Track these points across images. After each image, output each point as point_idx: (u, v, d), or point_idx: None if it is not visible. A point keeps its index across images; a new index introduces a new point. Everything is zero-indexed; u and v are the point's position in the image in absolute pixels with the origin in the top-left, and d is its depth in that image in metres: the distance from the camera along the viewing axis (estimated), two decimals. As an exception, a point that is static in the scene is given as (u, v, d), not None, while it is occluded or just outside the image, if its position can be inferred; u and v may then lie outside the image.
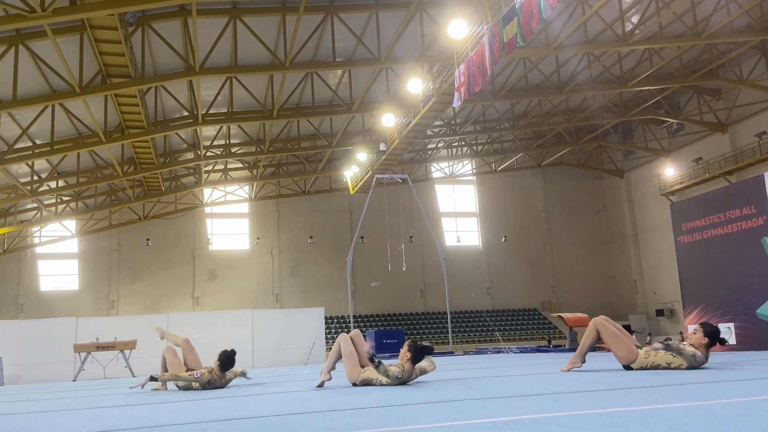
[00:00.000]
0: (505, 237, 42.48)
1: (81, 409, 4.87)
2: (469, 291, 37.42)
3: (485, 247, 42.40)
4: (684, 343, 6.16)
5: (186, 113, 25.25)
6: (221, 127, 28.17)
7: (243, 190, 39.12)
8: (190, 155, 31.08)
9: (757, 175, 11.72)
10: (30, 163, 26.23)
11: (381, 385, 5.67)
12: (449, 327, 27.50)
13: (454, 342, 31.70)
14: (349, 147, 32.11)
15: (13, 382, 16.93)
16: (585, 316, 23.94)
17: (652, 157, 39.04)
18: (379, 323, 38.26)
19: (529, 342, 35.10)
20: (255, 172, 35.25)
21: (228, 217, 39.76)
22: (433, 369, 6.11)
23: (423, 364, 5.88)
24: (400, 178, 29.46)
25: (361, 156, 31.81)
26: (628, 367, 6.12)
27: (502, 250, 42.35)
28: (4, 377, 16.79)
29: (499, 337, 30.13)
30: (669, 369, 5.99)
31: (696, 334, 6.08)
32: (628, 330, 24.11)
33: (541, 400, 3.47)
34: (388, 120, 26.61)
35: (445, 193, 43.05)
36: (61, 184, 29.97)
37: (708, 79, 29.86)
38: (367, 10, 20.95)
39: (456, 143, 38.25)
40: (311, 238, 39.20)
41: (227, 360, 6.75)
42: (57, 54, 17.15)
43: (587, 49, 23.93)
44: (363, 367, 5.88)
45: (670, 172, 36.85)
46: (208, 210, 39.16)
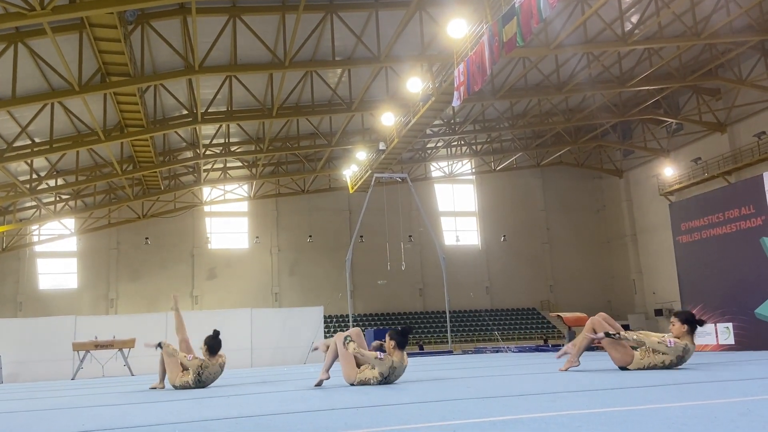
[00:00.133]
0: (504, 236, 42.49)
1: (80, 408, 4.87)
2: (468, 290, 37.48)
3: (484, 247, 42.41)
4: (659, 337, 6.13)
5: (185, 112, 25.24)
6: (220, 125, 28.17)
7: (242, 189, 39.11)
8: (189, 154, 31.07)
9: (756, 175, 11.72)
10: (29, 161, 26.22)
11: (378, 383, 5.64)
12: (448, 326, 27.52)
13: (452, 341, 31.71)
14: (348, 146, 32.11)
15: (12, 380, 16.94)
16: (584, 315, 23.95)
17: (651, 157, 39.05)
18: (378, 322, 38.26)
19: (528, 341, 35.12)
20: (254, 170, 35.25)
21: (227, 215, 39.73)
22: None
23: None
24: (400, 178, 29.49)
25: (361, 155, 31.80)
26: (623, 369, 6.12)
27: (501, 250, 42.36)
28: (2, 375, 16.81)
29: (498, 337, 30.17)
30: (666, 368, 5.99)
31: (674, 326, 6.10)
32: (627, 330, 24.14)
33: (540, 400, 3.47)
34: (388, 119, 26.62)
35: (444, 192, 43.05)
36: (60, 182, 29.95)
37: (707, 79, 29.87)
38: (366, 9, 20.94)
39: (455, 142, 38.25)
40: (310, 237, 39.20)
41: (213, 342, 6.89)
42: (56, 52, 17.15)
43: (587, 48, 23.93)
44: (359, 366, 5.81)
45: (669, 171, 36.87)
46: (207, 209, 39.14)
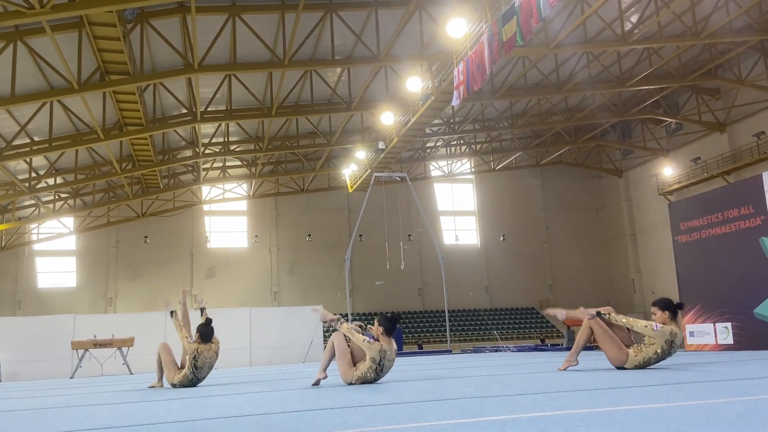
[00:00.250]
0: (503, 236, 42.50)
1: (78, 407, 4.87)
2: (468, 290, 37.45)
3: (483, 246, 42.42)
4: (646, 323, 6.17)
5: (185, 111, 25.22)
6: (220, 124, 28.16)
7: (241, 188, 39.10)
8: (188, 153, 31.05)
9: (755, 175, 11.73)
10: (28, 159, 26.21)
11: (374, 373, 5.60)
12: (447, 326, 27.49)
13: (452, 341, 31.70)
14: (347, 145, 32.09)
15: (11, 379, 16.94)
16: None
17: (651, 157, 39.07)
18: (377, 321, 38.18)
19: (527, 341, 35.13)
20: (253, 169, 35.24)
21: (226, 214, 39.73)
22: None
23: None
24: (399, 177, 29.47)
25: (360, 154, 31.80)
26: (621, 369, 6.13)
27: (501, 249, 42.38)
28: (1, 374, 16.81)
29: (497, 336, 30.16)
30: (660, 359, 6.00)
31: (656, 315, 6.14)
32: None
33: (538, 399, 3.47)
34: (387, 118, 26.61)
35: (443, 191, 43.05)
36: (59, 181, 29.94)
37: (707, 79, 29.88)
38: (366, 8, 20.93)
39: (455, 142, 38.25)
40: (309, 236, 39.20)
41: (206, 330, 7.03)
42: (55, 51, 17.14)
43: (586, 48, 23.94)
44: (355, 364, 5.74)
45: (668, 171, 36.88)
46: (206, 207, 39.14)
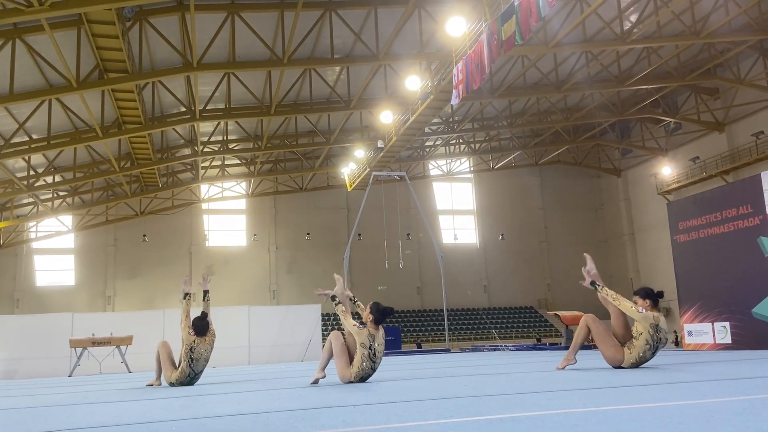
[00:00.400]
0: (502, 235, 42.52)
1: (77, 405, 4.87)
2: (466, 289, 37.51)
3: (482, 245, 42.44)
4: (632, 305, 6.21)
5: (183, 109, 25.19)
6: (219, 123, 28.14)
7: (240, 187, 39.09)
8: (187, 151, 31.03)
9: (754, 175, 11.73)
10: (26, 157, 26.19)
11: (371, 364, 5.62)
12: (446, 325, 27.51)
13: (450, 339, 31.72)
14: (346, 144, 32.08)
15: (9, 377, 16.92)
16: (581, 314, 23.96)
17: (650, 156, 39.09)
18: (376, 320, 38.20)
19: (526, 340, 35.15)
20: (252, 168, 35.22)
21: (225, 213, 39.72)
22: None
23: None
24: (398, 176, 29.48)
25: (359, 153, 31.78)
26: (618, 368, 6.14)
27: (499, 248, 42.39)
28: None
29: (496, 335, 30.19)
30: (653, 348, 6.01)
31: (638, 303, 6.21)
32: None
33: (537, 398, 3.47)
34: (386, 117, 26.59)
35: (442, 190, 43.06)
36: (57, 179, 29.91)
37: (706, 79, 29.89)
38: (365, 7, 20.91)
39: (454, 141, 38.25)
40: (308, 234, 39.19)
41: (201, 324, 7.00)
42: (54, 48, 17.12)
43: (585, 47, 23.94)
44: (352, 362, 5.75)
45: (667, 171, 36.91)
46: (205, 206, 39.12)
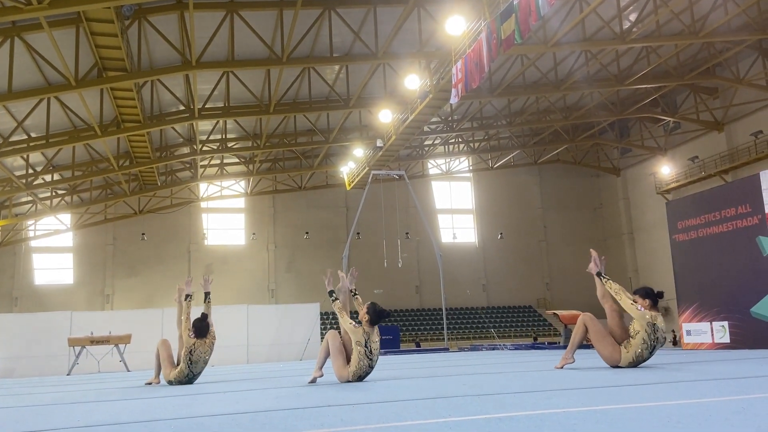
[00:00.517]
0: (501, 234, 42.53)
1: (75, 404, 4.86)
2: (465, 288, 37.53)
3: (481, 244, 42.45)
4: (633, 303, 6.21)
5: (182, 107, 25.17)
6: (217, 121, 28.12)
7: (239, 185, 39.06)
8: (186, 150, 31.01)
9: (753, 174, 11.74)
10: (25, 156, 26.16)
11: (368, 362, 5.62)
12: (444, 324, 27.51)
13: (449, 338, 31.72)
14: (345, 143, 32.06)
15: (7, 375, 16.90)
16: (580, 313, 23.97)
17: (649, 156, 39.10)
18: (375, 319, 38.20)
19: (524, 339, 35.17)
20: (251, 167, 35.20)
21: (224, 212, 39.70)
22: None
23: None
24: (397, 175, 29.47)
25: (358, 152, 31.77)
26: (616, 368, 6.15)
27: (498, 247, 42.41)
28: (-2, 371, 16.77)
29: (494, 334, 30.19)
30: (650, 348, 6.00)
31: (637, 302, 6.19)
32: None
33: (535, 397, 3.47)
34: (385, 116, 26.59)
35: (441, 189, 43.06)
36: (56, 177, 29.88)
37: (705, 78, 29.89)
38: (364, 6, 20.90)
39: (453, 140, 38.24)
40: (307, 233, 39.17)
41: (201, 325, 6.99)
42: (53, 47, 17.09)
43: (584, 46, 23.94)
44: (349, 362, 5.75)
45: (666, 170, 36.92)
46: (203, 205, 39.09)
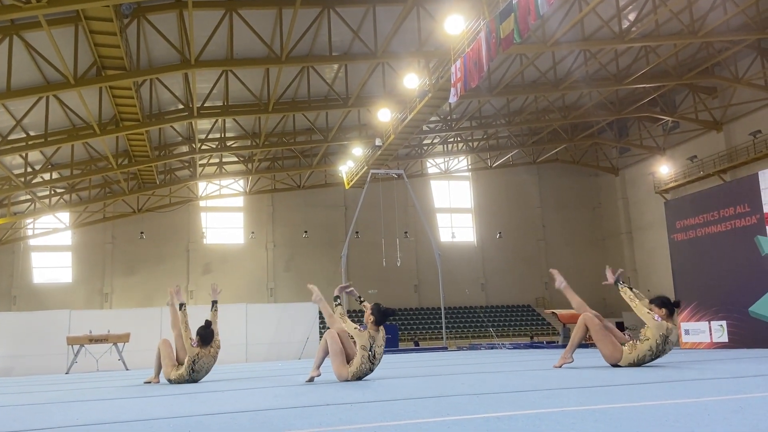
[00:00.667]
0: (499, 233, 42.54)
1: (74, 402, 4.86)
2: (464, 287, 37.48)
3: (480, 244, 42.46)
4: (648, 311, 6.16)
5: (181, 106, 25.14)
6: (216, 120, 28.10)
7: (238, 184, 39.04)
8: (185, 148, 30.98)
9: (751, 174, 11.74)
10: (24, 154, 26.11)
11: (369, 366, 5.60)
12: (443, 323, 27.47)
13: (447, 338, 31.71)
14: (344, 142, 32.05)
15: (6, 374, 16.89)
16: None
17: (647, 155, 39.12)
18: (373, 318, 38.16)
19: (523, 338, 35.19)
20: (250, 166, 35.18)
21: (223, 210, 39.68)
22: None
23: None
24: (396, 174, 29.45)
25: (357, 151, 31.77)
26: (615, 366, 6.15)
27: (497, 247, 42.42)
28: (-4, 369, 16.75)
29: (493, 333, 30.17)
30: (655, 356, 6.00)
31: (653, 311, 6.16)
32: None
33: (534, 396, 3.47)
34: (384, 115, 26.58)
35: (440, 188, 43.06)
36: (54, 176, 29.83)
37: (703, 78, 29.91)
38: (363, 5, 20.88)
39: (451, 139, 38.24)
40: (306, 232, 39.16)
41: (205, 333, 6.94)
42: (52, 45, 17.06)
43: (584, 46, 23.94)
44: (349, 362, 5.74)
45: (664, 169, 36.94)
46: (202, 203, 39.07)
